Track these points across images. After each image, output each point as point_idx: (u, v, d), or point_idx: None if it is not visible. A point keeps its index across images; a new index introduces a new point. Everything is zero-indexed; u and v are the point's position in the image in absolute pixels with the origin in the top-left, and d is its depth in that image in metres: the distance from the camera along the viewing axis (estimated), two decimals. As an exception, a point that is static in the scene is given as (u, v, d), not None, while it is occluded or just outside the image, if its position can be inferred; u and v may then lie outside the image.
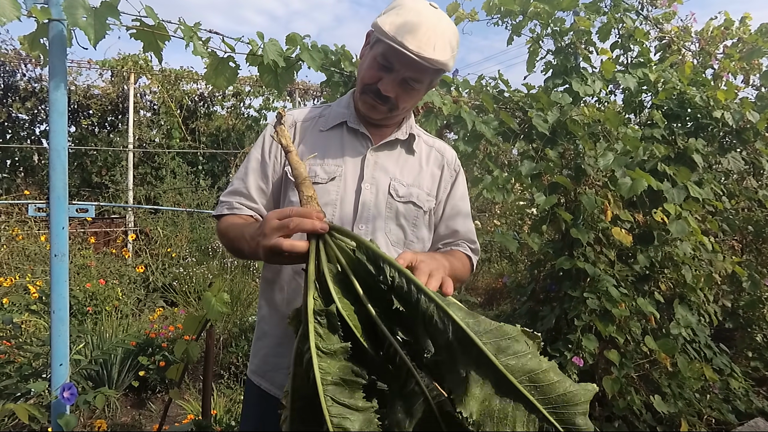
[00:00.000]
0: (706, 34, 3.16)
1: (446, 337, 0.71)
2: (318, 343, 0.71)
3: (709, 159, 2.69)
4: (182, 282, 4.43)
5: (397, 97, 1.12)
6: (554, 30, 2.53)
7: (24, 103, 6.49)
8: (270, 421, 1.17)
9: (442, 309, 0.72)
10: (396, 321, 0.77)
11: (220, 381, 3.12)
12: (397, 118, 1.22)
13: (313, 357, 0.69)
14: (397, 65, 1.08)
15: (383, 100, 1.12)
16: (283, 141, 0.89)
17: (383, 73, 1.10)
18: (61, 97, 1.45)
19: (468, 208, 1.31)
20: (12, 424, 2.32)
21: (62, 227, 1.47)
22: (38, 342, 2.44)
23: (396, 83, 1.10)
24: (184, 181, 6.63)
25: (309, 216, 0.81)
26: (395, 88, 1.10)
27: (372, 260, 0.79)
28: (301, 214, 0.82)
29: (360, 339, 0.74)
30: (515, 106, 2.42)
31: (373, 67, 1.11)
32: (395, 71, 1.09)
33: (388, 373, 0.75)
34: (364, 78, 1.14)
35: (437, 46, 1.04)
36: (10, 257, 4.42)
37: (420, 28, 1.03)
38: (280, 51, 1.85)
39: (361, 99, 1.17)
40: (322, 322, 0.73)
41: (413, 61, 1.04)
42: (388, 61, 1.08)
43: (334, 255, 0.81)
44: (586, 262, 2.23)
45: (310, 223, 0.80)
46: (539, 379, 0.69)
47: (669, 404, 2.18)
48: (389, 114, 1.16)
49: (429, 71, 1.09)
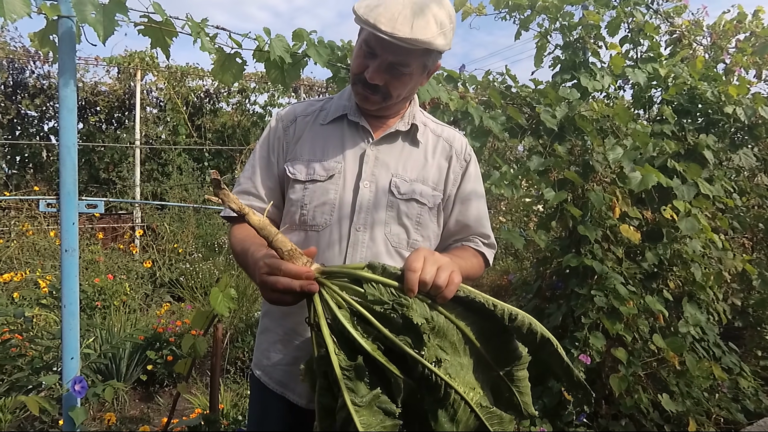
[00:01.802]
0: (718, 28, 3.12)
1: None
2: (352, 398, 0.73)
3: (720, 155, 2.66)
4: (189, 277, 4.46)
5: (387, 84, 1.06)
6: (563, 24, 2.50)
7: (33, 100, 6.54)
8: (270, 413, 1.19)
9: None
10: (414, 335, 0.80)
11: (227, 376, 3.14)
12: (395, 107, 1.16)
13: (353, 414, 0.72)
14: (378, 50, 1.02)
15: (372, 89, 1.07)
16: (233, 206, 0.81)
17: (369, 60, 1.05)
18: (70, 93, 1.45)
19: (481, 201, 1.23)
20: (24, 416, 2.35)
21: (72, 223, 1.48)
22: (49, 336, 2.46)
23: (382, 70, 1.04)
24: (190, 178, 6.67)
25: (298, 276, 0.80)
26: (382, 75, 1.05)
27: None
28: (290, 273, 0.81)
29: (390, 370, 0.77)
30: (523, 102, 2.40)
31: (359, 56, 1.07)
32: (378, 57, 1.03)
33: (423, 388, 0.79)
34: (353, 68, 1.10)
35: (415, 25, 0.96)
36: (21, 252, 4.47)
37: (394, 7, 0.97)
38: (286, 47, 1.84)
39: (354, 90, 1.12)
40: (350, 376, 0.75)
41: (390, 44, 0.98)
42: (370, 47, 1.03)
43: (342, 299, 0.82)
44: (593, 260, 2.21)
45: (299, 284, 0.80)
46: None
47: (677, 403, 2.17)
48: (384, 104, 1.11)
49: (414, 53, 1.02)
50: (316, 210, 1.11)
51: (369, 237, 1.10)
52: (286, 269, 0.81)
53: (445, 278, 0.82)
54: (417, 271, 0.81)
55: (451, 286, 0.83)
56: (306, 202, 1.11)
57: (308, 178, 1.12)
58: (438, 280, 0.82)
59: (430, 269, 0.82)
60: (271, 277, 0.82)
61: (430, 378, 0.77)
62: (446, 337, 0.83)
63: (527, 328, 0.86)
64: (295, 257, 0.83)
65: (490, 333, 0.87)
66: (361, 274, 0.83)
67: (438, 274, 0.82)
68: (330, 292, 0.82)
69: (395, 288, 0.82)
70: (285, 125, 1.19)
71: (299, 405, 1.13)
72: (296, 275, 0.80)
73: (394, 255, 1.12)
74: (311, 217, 1.11)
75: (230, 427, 2.21)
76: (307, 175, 1.12)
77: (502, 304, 0.86)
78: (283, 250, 0.83)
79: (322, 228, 1.10)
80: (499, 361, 0.88)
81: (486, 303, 0.85)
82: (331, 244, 1.10)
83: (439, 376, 0.77)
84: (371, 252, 1.10)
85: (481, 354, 0.86)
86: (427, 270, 0.82)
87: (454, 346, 0.83)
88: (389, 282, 0.83)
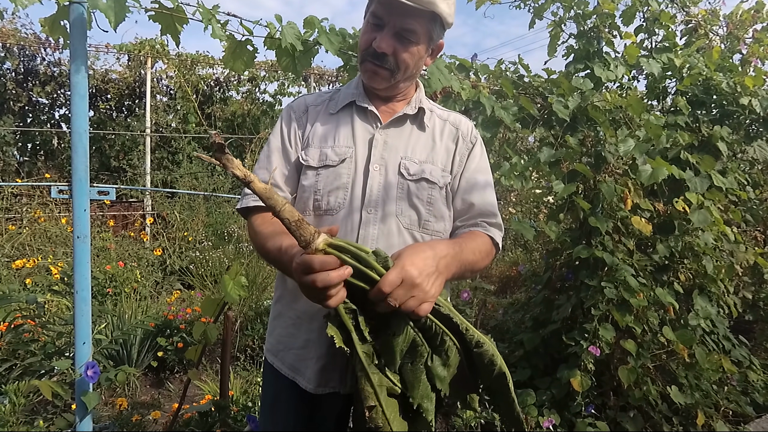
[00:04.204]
0: (735, 18, 3.05)
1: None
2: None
3: (734, 147, 2.62)
4: (198, 265, 4.49)
5: (395, 52, 1.10)
6: (577, 13, 2.46)
7: (44, 87, 6.57)
8: (282, 399, 1.20)
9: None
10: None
11: (236, 363, 3.17)
12: (402, 85, 1.19)
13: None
14: (386, 17, 1.08)
15: (381, 60, 1.10)
16: (237, 172, 0.78)
17: (377, 32, 1.10)
18: (82, 80, 1.45)
19: (488, 180, 1.24)
20: (37, 401, 2.40)
21: (84, 209, 1.49)
22: (61, 321, 2.50)
23: (390, 37, 1.09)
24: (199, 166, 6.69)
25: (331, 266, 0.83)
26: (390, 42, 1.09)
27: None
28: (324, 266, 0.83)
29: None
30: (535, 92, 2.38)
31: (367, 31, 1.12)
32: (386, 25, 1.08)
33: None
34: (361, 45, 1.14)
35: None
36: (33, 239, 4.52)
37: None
38: (298, 34, 1.83)
39: (362, 69, 1.16)
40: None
41: (399, 6, 1.03)
42: (377, 17, 1.09)
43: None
44: (604, 251, 2.20)
45: (337, 276, 0.83)
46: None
47: (686, 395, 2.16)
48: (393, 79, 1.14)
49: (420, 17, 1.07)
50: (330, 194, 1.13)
51: (380, 219, 1.12)
52: (320, 263, 0.83)
53: (412, 306, 0.86)
54: (385, 294, 0.84)
55: (419, 312, 0.88)
56: (319, 187, 1.13)
57: (320, 164, 1.14)
58: (404, 307, 0.86)
59: (400, 295, 0.85)
60: (308, 276, 0.84)
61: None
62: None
63: (488, 359, 0.94)
64: (303, 227, 0.84)
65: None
66: (364, 257, 0.87)
67: (407, 302, 0.86)
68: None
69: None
70: (297, 115, 1.22)
71: (308, 390, 1.14)
72: (328, 266, 0.83)
73: (407, 236, 1.13)
74: (325, 202, 1.13)
75: (240, 413, 2.23)
76: (319, 161, 1.15)
77: (474, 330, 0.94)
78: (291, 220, 0.83)
79: (335, 212, 1.13)
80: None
81: (460, 325, 0.93)
82: (343, 227, 1.11)
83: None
84: (383, 234, 1.12)
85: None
86: (396, 294, 0.85)
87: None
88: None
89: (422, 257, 0.90)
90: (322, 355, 1.12)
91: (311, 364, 1.13)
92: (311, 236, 0.84)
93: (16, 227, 4.74)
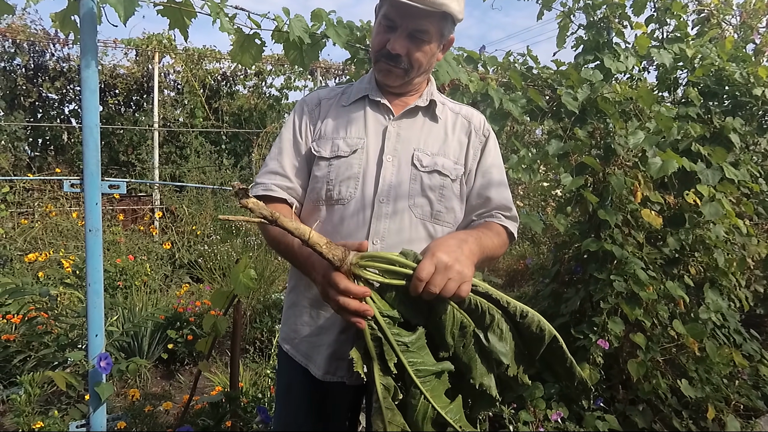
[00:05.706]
0: (749, 7, 3.01)
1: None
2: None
3: (747, 139, 2.59)
4: (207, 259, 4.52)
5: (409, 53, 1.12)
6: (586, 3, 2.43)
7: (53, 82, 6.62)
8: (296, 386, 1.23)
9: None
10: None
11: (246, 355, 3.20)
12: (416, 82, 1.21)
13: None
14: (398, 20, 1.09)
15: (395, 60, 1.13)
16: (264, 213, 0.83)
17: (390, 34, 1.12)
18: (92, 74, 1.46)
19: (502, 174, 1.26)
20: (51, 391, 2.43)
21: (95, 203, 1.50)
22: (73, 314, 2.53)
23: (403, 38, 1.11)
24: (207, 160, 6.72)
25: (350, 293, 0.89)
26: (404, 44, 1.11)
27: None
28: (345, 292, 0.89)
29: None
30: (544, 84, 2.35)
31: (380, 32, 1.14)
32: (399, 27, 1.10)
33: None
34: (374, 46, 1.16)
35: None
36: (44, 233, 4.57)
37: None
38: (305, 27, 1.82)
39: (376, 68, 1.18)
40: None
41: (410, 9, 1.05)
42: (390, 20, 1.10)
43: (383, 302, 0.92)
44: (613, 244, 2.18)
45: (354, 307, 0.88)
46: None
47: (696, 389, 2.15)
48: (406, 77, 1.16)
49: (432, 18, 1.09)
50: (341, 184, 1.14)
51: (392, 209, 1.13)
52: (344, 288, 0.89)
53: (452, 289, 0.89)
54: (423, 281, 0.87)
55: (461, 293, 0.90)
56: (331, 178, 1.15)
57: (332, 155, 1.16)
58: (445, 292, 0.88)
59: (438, 280, 0.88)
60: (330, 291, 0.91)
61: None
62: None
63: (537, 326, 0.96)
64: (333, 249, 0.89)
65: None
66: (395, 258, 0.91)
67: (446, 286, 0.88)
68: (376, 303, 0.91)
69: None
70: (310, 108, 1.24)
71: (317, 377, 1.16)
72: (350, 293, 0.89)
73: (419, 227, 1.15)
74: (337, 192, 1.14)
75: (250, 404, 2.25)
76: (331, 151, 1.16)
77: (515, 302, 0.95)
78: (321, 244, 0.88)
79: (347, 201, 1.14)
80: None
81: (500, 300, 0.95)
82: (355, 217, 1.13)
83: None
84: (395, 224, 1.13)
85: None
86: (435, 281, 0.88)
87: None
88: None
89: (448, 245, 0.94)
90: (332, 342, 1.14)
91: (322, 350, 1.15)
92: (343, 254, 0.89)
93: (29, 221, 4.80)
